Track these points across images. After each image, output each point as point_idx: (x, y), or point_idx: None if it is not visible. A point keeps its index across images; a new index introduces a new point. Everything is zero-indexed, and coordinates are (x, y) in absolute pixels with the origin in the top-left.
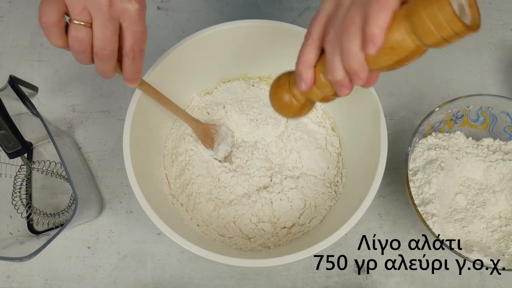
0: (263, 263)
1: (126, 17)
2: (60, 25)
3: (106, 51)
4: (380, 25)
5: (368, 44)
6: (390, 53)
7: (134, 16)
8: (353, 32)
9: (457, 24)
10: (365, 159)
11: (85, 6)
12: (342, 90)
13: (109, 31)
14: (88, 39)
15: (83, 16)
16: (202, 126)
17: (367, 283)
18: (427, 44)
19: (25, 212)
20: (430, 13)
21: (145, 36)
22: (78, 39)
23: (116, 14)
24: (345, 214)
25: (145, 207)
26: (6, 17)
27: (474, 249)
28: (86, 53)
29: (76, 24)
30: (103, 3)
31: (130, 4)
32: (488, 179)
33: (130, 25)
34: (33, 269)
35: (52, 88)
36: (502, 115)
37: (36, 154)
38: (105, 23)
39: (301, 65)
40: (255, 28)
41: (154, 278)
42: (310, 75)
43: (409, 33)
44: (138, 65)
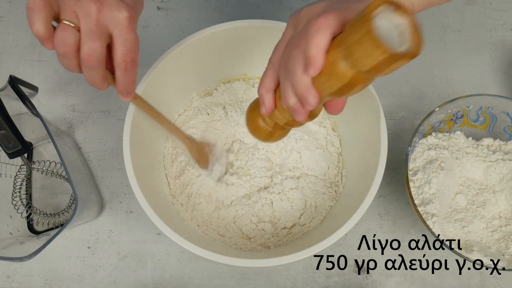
0: (263, 263)
1: (115, 24)
2: (47, 11)
3: (93, 58)
4: (317, 46)
5: (308, 66)
6: (332, 78)
7: (124, 24)
8: (297, 55)
9: (383, 52)
10: (365, 159)
11: (75, 10)
12: (296, 115)
13: (96, 37)
14: (74, 42)
15: (72, 18)
16: (196, 145)
17: (367, 283)
18: (365, 72)
19: (25, 212)
20: (356, 41)
21: (137, 46)
22: (63, 39)
23: (105, 21)
24: (345, 214)
25: (145, 207)
26: (6, 17)
27: (474, 249)
28: (70, 56)
29: (64, 24)
30: (92, 9)
31: (120, 12)
32: (488, 179)
33: (120, 33)
34: (33, 269)
35: (52, 88)
36: (502, 115)
37: (36, 154)
38: (92, 28)
39: (261, 89)
40: (255, 28)
41: (154, 278)
42: (270, 99)
43: (345, 59)
44: (131, 77)
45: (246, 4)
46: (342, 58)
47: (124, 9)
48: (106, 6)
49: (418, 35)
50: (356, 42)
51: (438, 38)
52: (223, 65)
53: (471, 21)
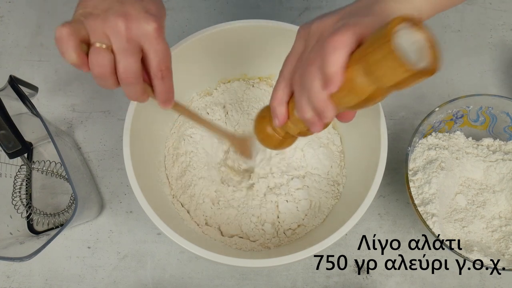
0: (263, 263)
1: (145, 38)
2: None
3: (130, 75)
4: (336, 64)
5: (328, 84)
6: (351, 94)
7: (153, 35)
8: (314, 71)
9: (405, 71)
10: (365, 159)
11: (104, 31)
12: (313, 127)
13: (129, 54)
14: (109, 63)
15: (103, 39)
16: (238, 140)
17: (367, 283)
18: (386, 87)
19: (25, 212)
20: (378, 60)
21: (169, 54)
22: (98, 62)
23: (135, 36)
24: (345, 214)
25: (145, 207)
26: (6, 17)
27: (474, 249)
28: (107, 77)
29: (97, 47)
30: (120, 27)
31: (148, 24)
32: (488, 179)
33: (151, 45)
34: (33, 269)
35: (52, 88)
36: (502, 115)
37: (36, 154)
38: (124, 46)
39: (274, 101)
40: (255, 28)
41: (154, 278)
42: (283, 111)
43: (365, 76)
44: (168, 84)
45: (246, 4)
46: (362, 74)
47: (152, 21)
48: (134, 21)
49: (436, 50)
50: (378, 60)
51: (438, 38)
52: (223, 65)
53: (471, 21)
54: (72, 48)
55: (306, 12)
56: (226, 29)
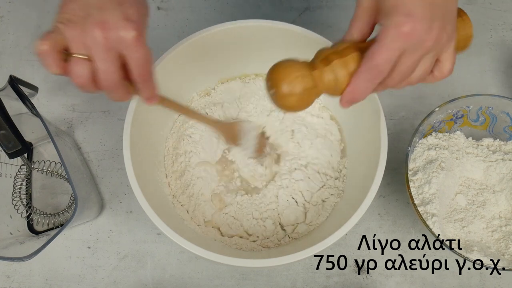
0: (263, 263)
1: (124, 46)
2: (55, 51)
3: (110, 83)
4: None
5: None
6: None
7: (132, 44)
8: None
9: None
10: (365, 159)
11: (82, 41)
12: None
13: (108, 63)
14: (89, 73)
15: (81, 49)
16: (223, 126)
17: (367, 283)
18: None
19: (25, 212)
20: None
21: (150, 59)
22: (78, 74)
23: (113, 45)
24: (345, 214)
25: (145, 207)
26: (6, 17)
27: (474, 249)
28: (87, 85)
29: (76, 58)
30: (98, 37)
31: (126, 31)
32: (488, 179)
33: (131, 53)
34: (33, 269)
35: (52, 88)
36: (502, 115)
37: (36, 154)
38: (103, 55)
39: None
40: (255, 28)
41: (154, 278)
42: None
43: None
44: (151, 85)
45: (246, 4)
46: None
47: (131, 28)
48: (112, 30)
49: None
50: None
51: None
52: (223, 65)
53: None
54: (53, 61)
55: (306, 12)
56: (226, 29)
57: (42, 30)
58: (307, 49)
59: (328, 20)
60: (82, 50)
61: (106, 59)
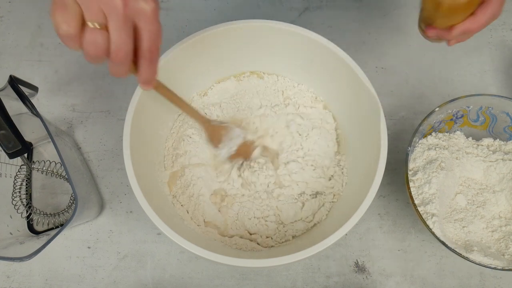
0: (263, 263)
1: (141, 17)
2: (80, 34)
3: (121, 54)
4: None
5: None
6: None
7: (150, 16)
8: None
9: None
10: (365, 159)
11: (100, 7)
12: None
13: (124, 33)
14: (105, 44)
15: (98, 17)
16: (212, 127)
17: (367, 283)
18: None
19: (25, 212)
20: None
21: (161, 35)
22: (94, 44)
23: (132, 14)
24: (345, 214)
25: (145, 207)
26: (6, 17)
27: (474, 249)
28: (100, 56)
29: (92, 28)
30: (118, 4)
31: (146, 3)
32: (488, 179)
33: (146, 25)
34: (33, 269)
35: (52, 88)
36: (502, 115)
37: (36, 154)
38: (120, 24)
39: None
40: (255, 28)
41: (154, 278)
42: None
43: None
44: (154, 66)
45: (246, 4)
46: None
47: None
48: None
49: None
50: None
51: None
52: (223, 65)
53: None
54: (76, 41)
55: (306, 12)
56: (226, 29)
57: (42, 30)
58: (307, 49)
59: (328, 20)
60: (98, 16)
61: (123, 28)
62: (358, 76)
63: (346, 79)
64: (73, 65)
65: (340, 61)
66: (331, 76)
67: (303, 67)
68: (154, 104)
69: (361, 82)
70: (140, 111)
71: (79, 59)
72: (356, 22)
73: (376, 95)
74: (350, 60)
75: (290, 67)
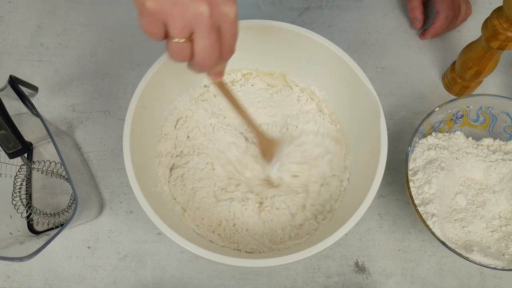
0: (263, 263)
1: (225, 20)
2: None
3: (209, 61)
4: None
5: None
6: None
7: (233, 19)
8: None
9: None
10: (365, 159)
11: (186, 23)
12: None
13: (211, 40)
14: (190, 53)
15: (184, 33)
16: (266, 139)
17: (367, 283)
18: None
19: (25, 212)
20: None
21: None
22: (179, 55)
23: (217, 19)
24: (345, 214)
25: (145, 207)
26: (6, 17)
27: (474, 249)
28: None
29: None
30: (205, 13)
31: (230, 7)
32: (488, 179)
33: (230, 28)
34: (33, 269)
35: (52, 88)
36: (502, 115)
37: (36, 154)
38: (207, 33)
39: None
40: (255, 28)
41: (154, 278)
42: None
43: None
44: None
45: (246, 4)
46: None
47: (232, 3)
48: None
49: None
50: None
51: (438, 37)
52: None
53: (471, 21)
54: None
55: (306, 12)
56: None
57: (42, 30)
58: (307, 49)
59: (328, 20)
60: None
61: (210, 36)
62: (358, 76)
63: (346, 79)
64: (73, 65)
65: (340, 61)
66: (331, 76)
67: (302, 67)
68: (155, 104)
69: (361, 82)
70: (140, 110)
71: (79, 59)
72: (356, 22)
73: (376, 95)
74: (350, 60)
75: (290, 67)
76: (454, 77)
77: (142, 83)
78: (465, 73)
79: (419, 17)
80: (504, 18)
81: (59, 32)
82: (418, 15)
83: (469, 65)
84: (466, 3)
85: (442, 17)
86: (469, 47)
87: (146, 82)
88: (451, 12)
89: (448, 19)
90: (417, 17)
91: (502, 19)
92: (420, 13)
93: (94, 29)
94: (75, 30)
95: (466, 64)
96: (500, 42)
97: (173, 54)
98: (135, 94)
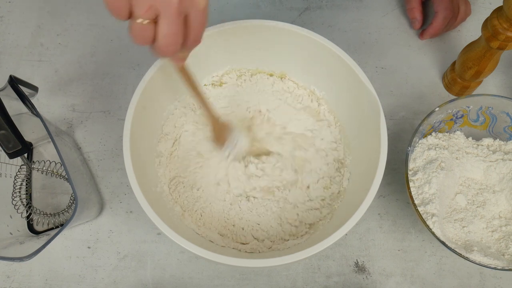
0: (263, 263)
1: (194, 9)
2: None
3: (172, 47)
4: None
5: None
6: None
7: (203, 8)
8: None
9: None
10: (365, 159)
11: (152, 3)
12: None
13: (176, 27)
14: (152, 36)
15: (149, 14)
16: (219, 124)
17: (367, 283)
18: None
19: (25, 212)
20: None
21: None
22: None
23: (186, 8)
24: (345, 214)
25: (145, 207)
26: (6, 17)
27: (474, 249)
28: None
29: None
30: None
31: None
32: (488, 179)
33: (197, 16)
34: (33, 269)
35: (52, 88)
36: (502, 115)
37: (36, 154)
38: (173, 19)
39: None
40: (255, 28)
41: (154, 278)
42: None
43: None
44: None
45: (246, 4)
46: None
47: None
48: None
49: None
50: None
51: (438, 37)
52: (222, 65)
53: (471, 21)
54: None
55: (306, 12)
56: (226, 29)
57: (42, 30)
58: (307, 49)
59: (328, 20)
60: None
61: (176, 22)
62: (358, 76)
63: (346, 79)
64: (73, 65)
65: (340, 61)
66: (331, 76)
67: (302, 67)
68: (155, 104)
69: (361, 82)
70: (140, 110)
71: (79, 59)
72: (356, 22)
73: (376, 95)
74: (350, 60)
75: (289, 67)
76: (454, 77)
77: (142, 83)
78: (465, 73)
79: (418, 17)
80: (504, 18)
81: (59, 32)
82: (417, 16)
83: (469, 65)
84: (465, 3)
85: (440, 17)
86: (469, 47)
87: (146, 82)
88: (450, 12)
89: (447, 19)
90: (416, 17)
91: (502, 19)
92: (419, 14)
93: (94, 29)
94: (75, 30)
95: (466, 64)
96: (500, 42)
97: (134, 35)
98: (135, 94)
